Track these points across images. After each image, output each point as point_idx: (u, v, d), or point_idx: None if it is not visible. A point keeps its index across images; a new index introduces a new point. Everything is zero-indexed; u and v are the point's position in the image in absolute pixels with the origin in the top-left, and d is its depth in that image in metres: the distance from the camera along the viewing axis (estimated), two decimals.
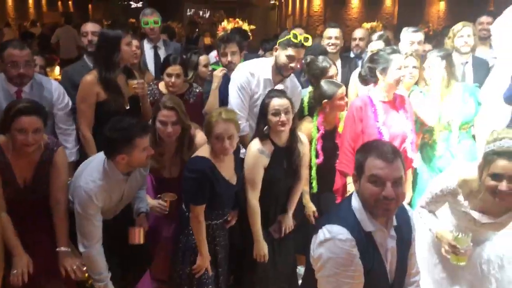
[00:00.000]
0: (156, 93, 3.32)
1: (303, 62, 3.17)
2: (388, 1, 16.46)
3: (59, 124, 3.02)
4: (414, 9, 15.18)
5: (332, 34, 4.13)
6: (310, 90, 3.21)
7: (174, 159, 2.72)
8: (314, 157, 3.01)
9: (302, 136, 2.77)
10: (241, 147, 2.81)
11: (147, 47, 4.13)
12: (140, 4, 21.01)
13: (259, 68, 3.01)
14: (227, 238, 2.68)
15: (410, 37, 3.66)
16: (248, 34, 5.38)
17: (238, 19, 8.63)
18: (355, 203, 1.78)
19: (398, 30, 3.87)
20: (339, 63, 4.07)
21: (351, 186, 2.68)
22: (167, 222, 2.82)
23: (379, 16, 14.84)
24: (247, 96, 2.98)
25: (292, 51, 2.85)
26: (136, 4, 21.08)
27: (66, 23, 9.47)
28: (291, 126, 2.58)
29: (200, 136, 2.69)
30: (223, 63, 3.41)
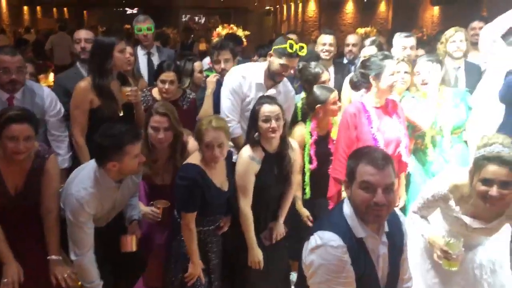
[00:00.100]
0: (150, 99, 3.31)
1: (296, 67, 3.17)
2: (382, 6, 16.55)
3: (51, 131, 3.01)
4: (408, 14, 15.26)
5: (327, 41, 4.14)
6: (303, 96, 3.21)
7: (166, 166, 2.71)
8: (307, 162, 3.01)
9: (293, 143, 2.76)
10: (233, 153, 2.81)
11: (141, 53, 4.12)
12: (135, 10, 21.05)
13: (251, 72, 3.01)
14: (220, 244, 2.67)
15: (403, 42, 3.67)
16: (242, 39, 5.39)
17: (233, 24, 8.67)
18: (347, 209, 1.78)
19: (393, 35, 3.87)
20: (332, 69, 4.08)
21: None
22: (160, 229, 2.81)
23: (373, 21, 14.93)
24: (238, 99, 2.99)
25: (286, 60, 2.86)
26: (131, 10, 21.15)
27: (60, 30, 9.49)
28: (281, 132, 2.58)
29: (192, 143, 2.68)
30: (217, 70, 3.41)
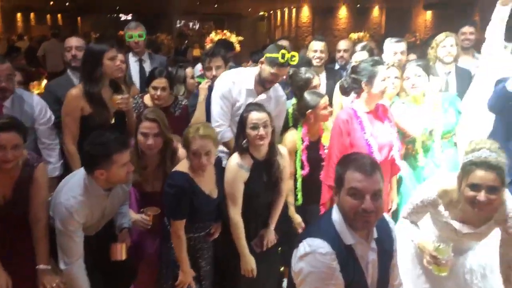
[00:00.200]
0: (141, 106, 3.31)
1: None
2: (376, 11, 16.68)
3: (42, 139, 2.99)
4: (401, 19, 15.39)
5: (318, 48, 4.12)
6: (294, 101, 3.22)
7: (156, 173, 2.70)
8: (299, 168, 3.01)
9: (282, 149, 2.76)
10: (223, 159, 2.80)
11: (132, 60, 4.10)
12: (129, 17, 21.04)
13: (242, 77, 3.02)
14: (211, 251, 2.65)
15: (393, 47, 3.70)
16: (234, 45, 5.40)
17: (226, 30, 8.68)
18: (336, 216, 1.78)
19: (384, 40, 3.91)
20: (324, 75, 4.08)
21: None
22: (151, 237, 2.79)
23: (366, 27, 15.02)
24: (228, 104, 3.00)
25: (277, 70, 2.88)
26: (126, 17, 21.12)
27: (53, 37, 9.47)
28: (270, 139, 2.57)
29: (183, 150, 2.67)
30: (208, 77, 3.41)
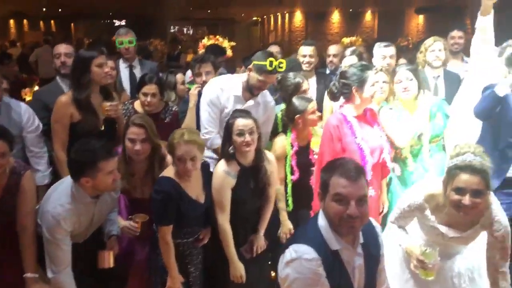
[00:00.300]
0: (132, 112, 3.30)
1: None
2: (368, 15, 16.78)
3: (30, 147, 2.98)
4: (394, 23, 15.49)
5: (307, 52, 4.10)
6: (283, 107, 3.22)
7: (145, 179, 2.69)
8: (289, 173, 3.00)
9: (269, 155, 2.76)
10: (211, 165, 2.80)
11: (123, 66, 4.09)
12: (123, 22, 21.01)
13: (230, 84, 3.02)
14: (200, 256, 2.65)
15: (382, 51, 3.72)
16: (224, 50, 5.42)
17: (219, 35, 8.68)
18: (322, 221, 1.78)
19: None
20: (314, 79, 4.08)
21: None
22: (141, 244, 2.77)
23: (359, 31, 15.11)
24: (217, 111, 2.99)
25: (265, 77, 2.88)
26: (119, 22, 21.08)
27: (46, 43, 9.45)
28: (256, 145, 2.57)
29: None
30: (198, 83, 3.41)
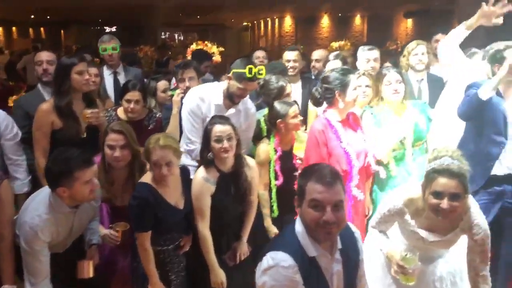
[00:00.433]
0: (115, 119, 3.28)
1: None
2: (358, 20, 16.89)
3: (8, 155, 2.96)
4: (383, 27, 15.60)
5: (290, 57, 4.09)
6: (266, 112, 3.21)
7: (126, 187, 2.66)
8: (273, 179, 2.99)
9: (250, 160, 2.75)
10: (191, 170, 2.78)
11: (107, 73, 4.07)
12: (114, 29, 20.97)
13: (210, 93, 3.01)
14: (182, 264, 2.62)
15: (366, 55, 3.73)
16: (210, 55, 5.44)
17: (207, 41, 8.69)
18: (299, 228, 1.76)
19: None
20: (299, 84, 4.09)
21: None
22: (123, 252, 2.74)
23: (349, 35, 15.20)
24: (198, 121, 2.98)
25: (245, 84, 2.87)
26: (110, 29, 21.04)
27: (34, 50, 9.40)
28: (235, 151, 2.56)
29: None
30: (181, 89, 3.39)
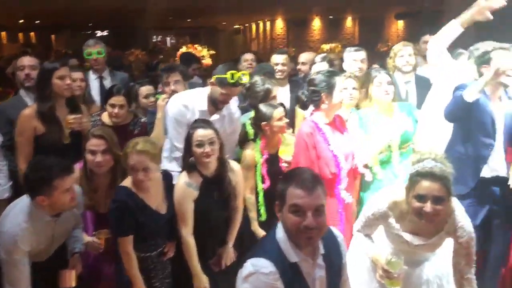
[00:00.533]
0: (99, 124, 3.24)
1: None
2: (349, 22, 16.95)
3: None
4: (374, 29, 15.67)
5: (279, 61, 4.06)
6: (252, 115, 3.18)
7: (109, 193, 2.61)
8: (260, 182, 2.96)
9: (234, 164, 2.72)
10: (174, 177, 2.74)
11: (92, 77, 4.04)
12: (106, 33, 20.88)
13: (193, 99, 2.98)
14: (167, 271, 2.59)
15: (353, 56, 3.72)
16: (197, 58, 5.43)
17: (198, 44, 8.67)
18: (280, 233, 1.73)
19: None
20: (287, 87, 4.07)
21: None
22: (107, 259, 2.69)
23: (340, 37, 15.25)
24: (184, 127, 2.93)
25: (227, 90, 2.85)
26: (101, 33, 20.95)
27: (24, 55, 9.30)
28: (218, 155, 2.53)
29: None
30: (167, 92, 3.37)
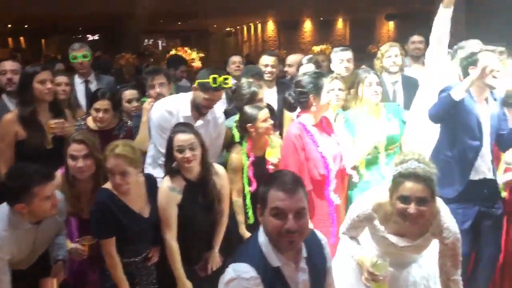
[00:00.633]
0: (84, 128, 3.21)
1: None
2: (340, 23, 17.01)
3: None
4: (365, 30, 15.74)
5: (268, 62, 4.02)
6: (238, 118, 3.15)
7: (92, 198, 2.55)
8: (247, 185, 2.94)
9: (219, 168, 2.69)
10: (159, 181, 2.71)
11: (78, 81, 4.01)
12: (97, 37, 20.79)
13: (177, 105, 2.95)
14: (152, 277, 2.55)
15: (339, 56, 3.74)
16: (184, 60, 5.44)
17: (188, 47, 8.65)
18: (261, 237, 1.70)
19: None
20: (275, 89, 4.04)
21: None
22: (92, 265, 2.64)
23: (332, 39, 15.30)
24: (168, 133, 2.86)
25: (210, 95, 2.82)
26: (93, 37, 20.86)
27: (12, 59, 9.23)
28: (200, 159, 2.49)
29: None
30: (152, 96, 3.33)
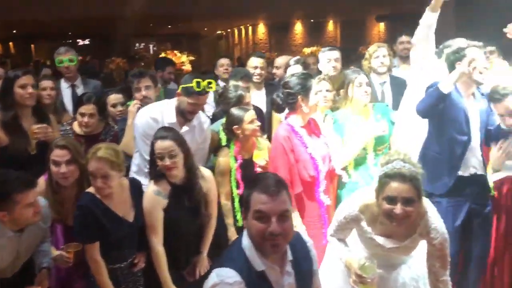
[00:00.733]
0: (70, 133, 3.18)
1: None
2: (331, 25, 17.06)
3: None
4: (356, 31, 15.79)
5: (257, 64, 4.01)
6: (224, 121, 3.13)
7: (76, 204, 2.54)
8: (235, 188, 2.92)
9: (205, 171, 2.65)
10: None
11: (64, 86, 3.96)
12: (87, 41, 20.72)
13: (162, 112, 2.91)
14: (140, 282, 2.52)
15: (327, 55, 3.75)
16: (172, 61, 5.47)
17: (178, 51, 8.66)
18: (245, 241, 1.67)
19: (342, 53, 3.97)
20: (264, 91, 4.03)
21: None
22: (78, 272, 2.60)
23: (323, 40, 15.32)
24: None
25: (195, 99, 2.79)
26: (83, 42, 20.79)
27: (1, 65, 9.18)
28: (184, 163, 2.46)
29: None
30: (138, 98, 3.31)
